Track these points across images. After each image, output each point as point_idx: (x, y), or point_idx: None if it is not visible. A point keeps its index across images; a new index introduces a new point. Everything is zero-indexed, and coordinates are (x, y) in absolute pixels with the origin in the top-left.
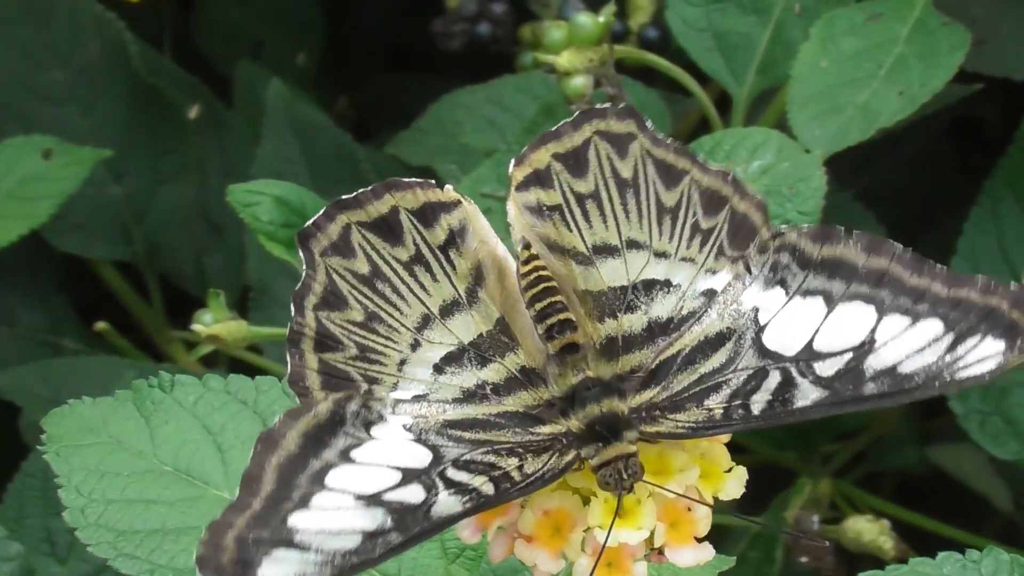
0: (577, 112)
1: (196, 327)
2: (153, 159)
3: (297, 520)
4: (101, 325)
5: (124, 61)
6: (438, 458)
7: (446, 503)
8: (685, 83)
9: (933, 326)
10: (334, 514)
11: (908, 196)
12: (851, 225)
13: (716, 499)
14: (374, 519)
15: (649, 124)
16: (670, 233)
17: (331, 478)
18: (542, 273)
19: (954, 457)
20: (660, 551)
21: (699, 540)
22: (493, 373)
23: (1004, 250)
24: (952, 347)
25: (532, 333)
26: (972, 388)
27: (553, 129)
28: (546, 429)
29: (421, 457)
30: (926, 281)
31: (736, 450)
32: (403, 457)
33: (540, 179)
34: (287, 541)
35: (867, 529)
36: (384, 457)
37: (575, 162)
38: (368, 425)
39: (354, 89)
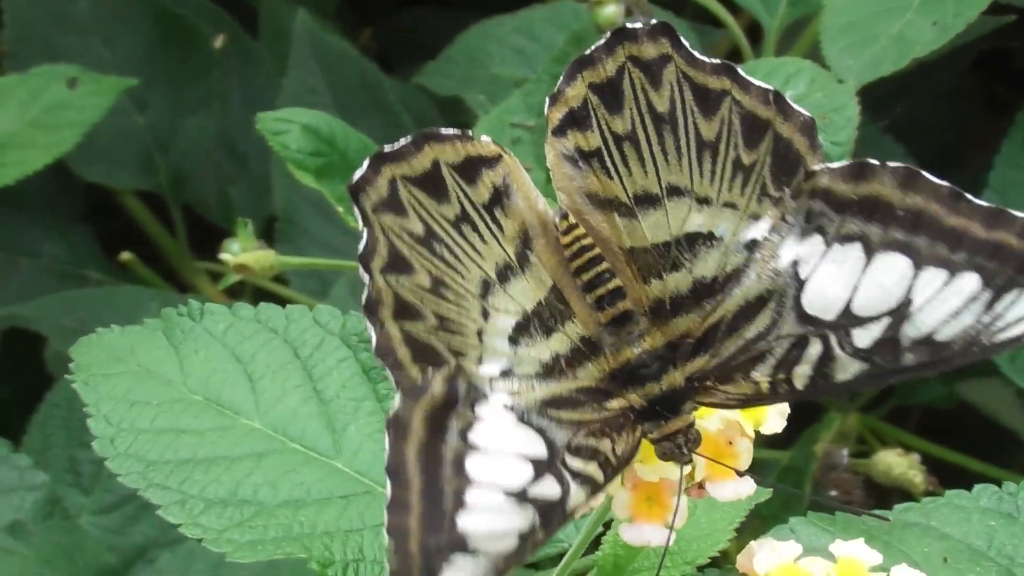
0: (610, 33)
1: (224, 256)
2: (177, 89)
3: (465, 523)
4: (126, 255)
5: None
6: (550, 444)
7: (575, 494)
8: (716, 12)
9: (970, 281)
10: (494, 515)
11: (935, 130)
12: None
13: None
14: (527, 518)
15: (684, 42)
16: (711, 173)
17: (472, 469)
18: (584, 242)
19: (983, 392)
20: (701, 485)
21: (740, 474)
22: (559, 344)
23: None
24: (990, 305)
25: (583, 300)
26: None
27: (587, 53)
28: (615, 404)
29: (536, 443)
30: (964, 221)
31: None
32: (520, 444)
33: (576, 119)
34: (463, 547)
35: (897, 463)
36: (503, 443)
37: (611, 94)
38: (473, 404)
39: (377, 22)
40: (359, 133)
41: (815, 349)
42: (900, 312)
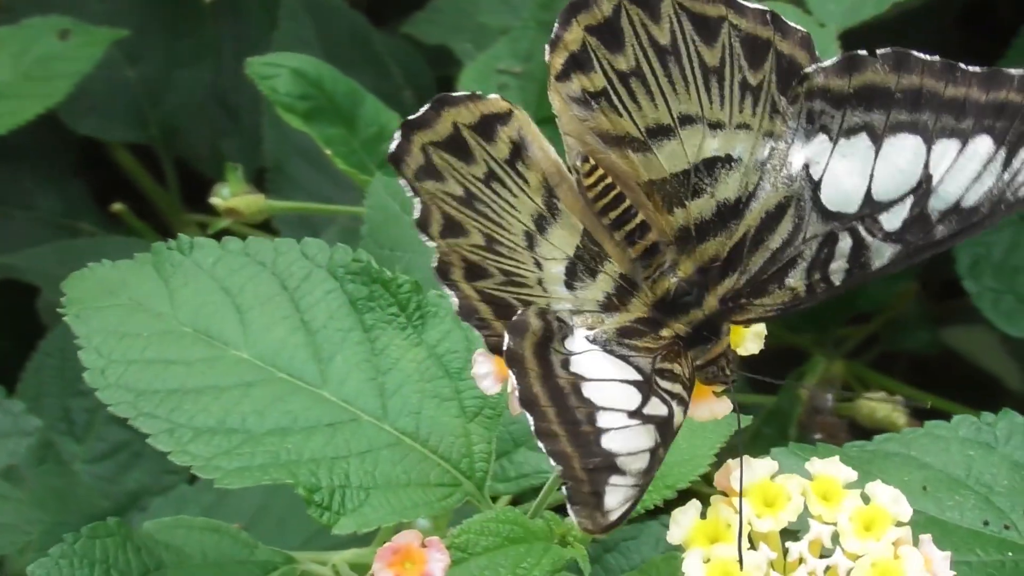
0: None
1: (214, 200)
2: (169, 42)
3: (608, 443)
4: (118, 207)
5: None
6: (639, 369)
7: (677, 412)
8: None
9: (983, 144)
10: (627, 434)
11: None
12: None
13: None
14: (651, 436)
15: None
16: (720, 97)
17: (591, 395)
18: (606, 182)
19: (967, 338)
20: None
21: (717, 395)
22: (605, 283)
23: None
24: (1007, 162)
25: (612, 239)
26: (986, 266)
27: None
28: (666, 332)
29: (628, 370)
30: (963, 90)
31: None
32: (616, 371)
33: (579, 62)
34: (614, 467)
35: (880, 406)
36: (602, 371)
37: (610, 34)
38: (564, 339)
39: None
40: (347, 77)
41: (845, 243)
42: (922, 188)
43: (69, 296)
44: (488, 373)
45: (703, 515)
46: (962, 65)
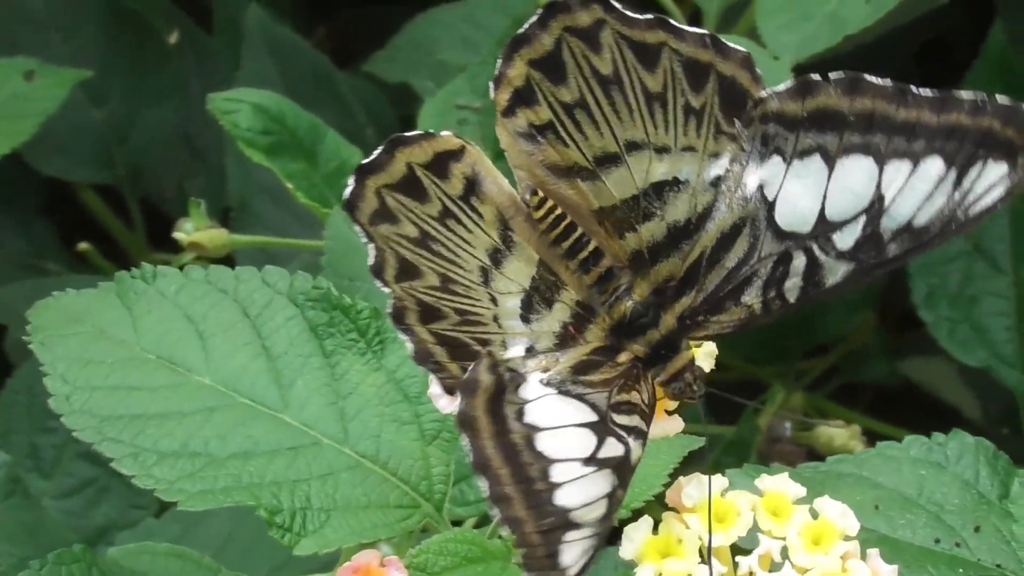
0: (542, 9)
1: (177, 235)
2: (134, 83)
3: (562, 499)
4: (84, 246)
5: None
6: (594, 407)
7: (635, 448)
8: None
9: (934, 165)
10: (581, 485)
11: None
12: None
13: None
14: (607, 481)
15: (615, 3)
16: (664, 122)
17: (544, 448)
18: (557, 212)
19: (925, 369)
20: None
21: (669, 413)
22: (561, 313)
23: None
24: (958, 182)
25: (567, 269)
26: (941, 296)
27: (521, 31)
28: (623, 357)
29: (583, 411)
30: (914, 112)
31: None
32: (571, 414)
33: (523, 97)
34: (570, 523)
35: (838, 434)
36: (556, 418)
37: (553, 67)
38: (517, 388)
39: (331, 20)
40: (308, 112)
41: (800, 261)
42: (874, 208)
43: (34, 324)
44: (443, 393)
45: (655, 531)
46: (914, 89)
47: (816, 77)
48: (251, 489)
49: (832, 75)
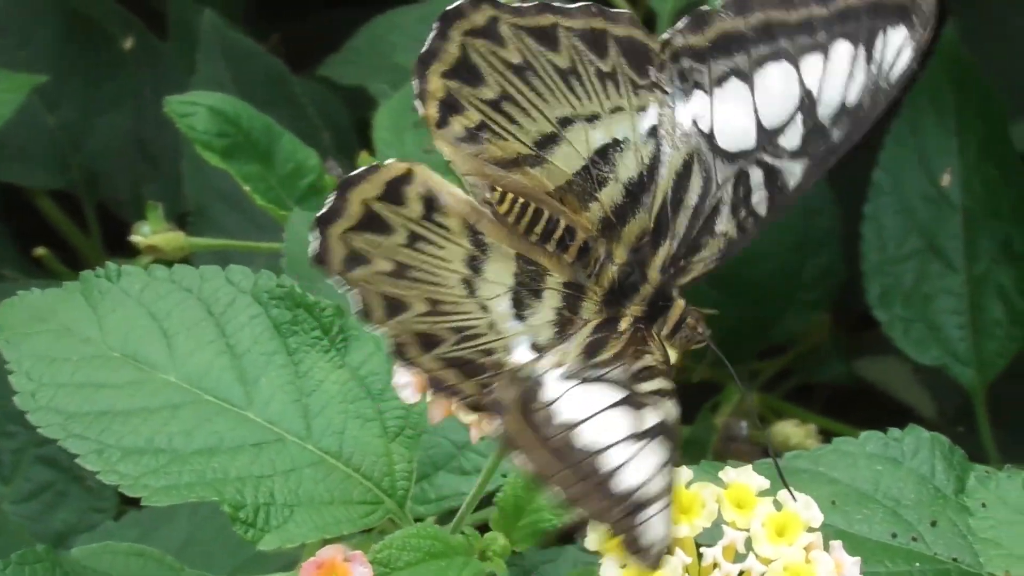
0: (437, 22)
1: (135, 238)
2: (89, 89)
3: (623, 482)
4: (40, 251)
5: None
6: (618, 384)
7: (670, 409)
8: (614, 1)
9: (843, 48)
10: (635, 464)
11: None
12: None
13: None
14: (662, 449)
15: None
16: (586, 93)
17: (586, 440)
18: (520, 202)
19: (880, 369)
20: None
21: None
22: (553, 299)
23: (924, 161)
24: (869, 57)
25: (545, 253)
26: (895, 295)
27: (425, 48)
28: (624, 324)
29: (608, 391)
30: (805, 11)
31: None
32: (599, 399)
33: (450, 106)
34: (633, 504)
35: (794, 433)
36: (586, 408)
37: (467, 71)
38: (537, 393)
39: (285, 26)
40: (264, 115)
41: (757, 175)
42: (805, 104)
43: (0, 322)
44: (408, 383)
45: None
46: None
47: (705, 7)
48: (215, 485)
49: (720, 3)
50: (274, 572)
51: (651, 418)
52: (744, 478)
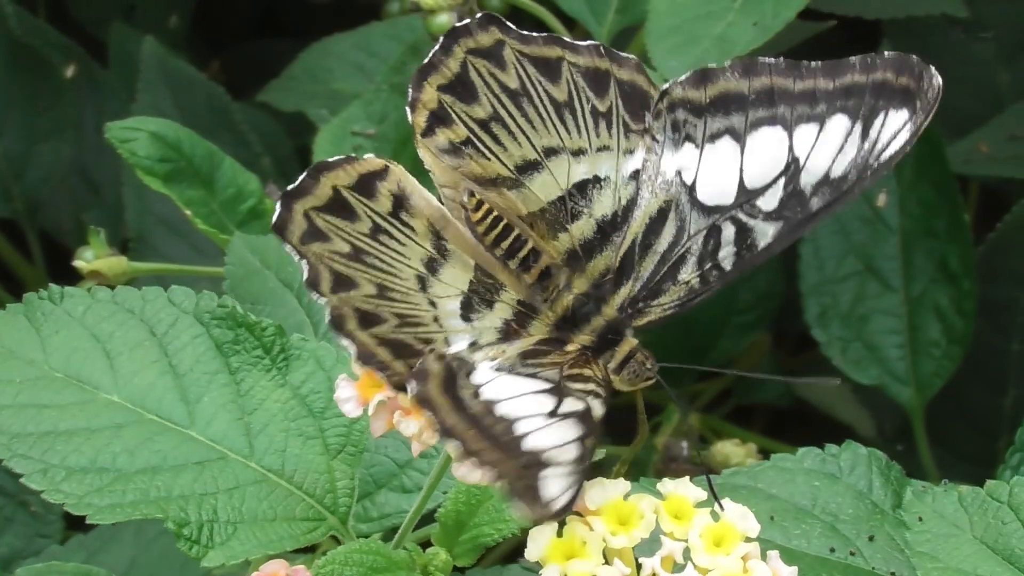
0: (443, 37)
1: (77, 263)
2: (30, 117)
3: (531, 443)
4: None
5: (0, 21)
6: (548, 379)
7: (595, 405)
8: (549, 23)
9: (840, 122)
10: (548, 431)
11: None
12: None
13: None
14: (574, 428)
15: (510, 25)
16: (576, 127)
17: (505, 411)
18: (494, 215)
19: (819, 389)
20: None
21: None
22: (504, 312)
23: None
24: (864, 134)
25: (505, 269)
26: (834, 315)
27: (427, 60)
28: (571, 348)
29: (537, 383)
30: (811, 82)
31: None
32: (527, 385)
33: (440, 118)
34: (544, 462)
35: (734, 452)
36: (513, 389)
37: (463, 88)
38: (468, 374)
39: (225, 54)
40: (205, 140)
41: (729, 231)
42: (791, 169)
43: None
44: (351, 397)
45: (559, 533)
46: (805, 61)
47: (713, 65)
48: (159, 503)
49: (727, 62)
50: None
51: (573, 405)
52: (682, 490)
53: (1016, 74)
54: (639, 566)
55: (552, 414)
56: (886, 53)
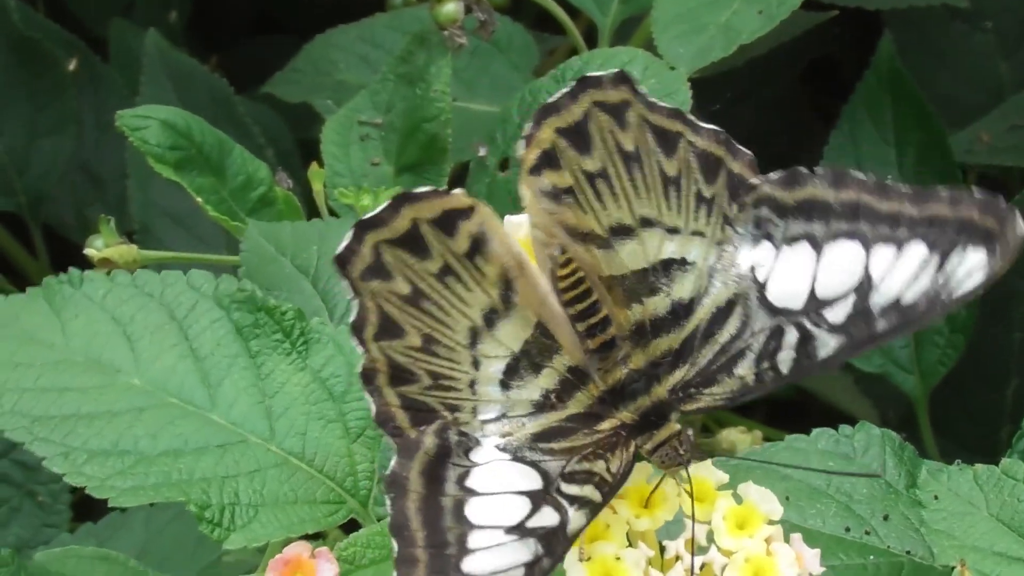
0: (574, 82)
1: (88, 251)
2: (32, 113)
3: (470, 566)
4: None
5: (3, 15)
6: (545, 475)
7: (575, 518)
8: (554, 12)
9: (918, 250)
10: (497, 553)
11: (767, 138)
12: None
13: None
14: (529, 550)
15: (642, 88)
16: (677, 205)
17: (471, 514)
18: (579, 275)
19: (821, 379)
20: None
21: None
22: (548, 379)
23: (863, 171)
24: (940, 267)
25: (568, 331)
26: None
27: (551, 100)
28: (605, 425)
29: (531, 477)
30: (896, 205)
31: None
32: (515, 480)
33: (550, 159)
34: None
35: (740, 439)
36: (498, 483)
37: (579, 138)
38: (467, 452)
39: (223, 51)
40: (215, 129)
41: (792, 335)
42: (863, 287)
43: None
44: None
45: None
46: (891, 183)
47: (804, 169)
48: (181, 486)
49: (818, 169)
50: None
51: (544, 519)
52: (704, 472)
53: (1017, 64)
54: (663, 548)
55: (516, 528)
56: (975, 191)
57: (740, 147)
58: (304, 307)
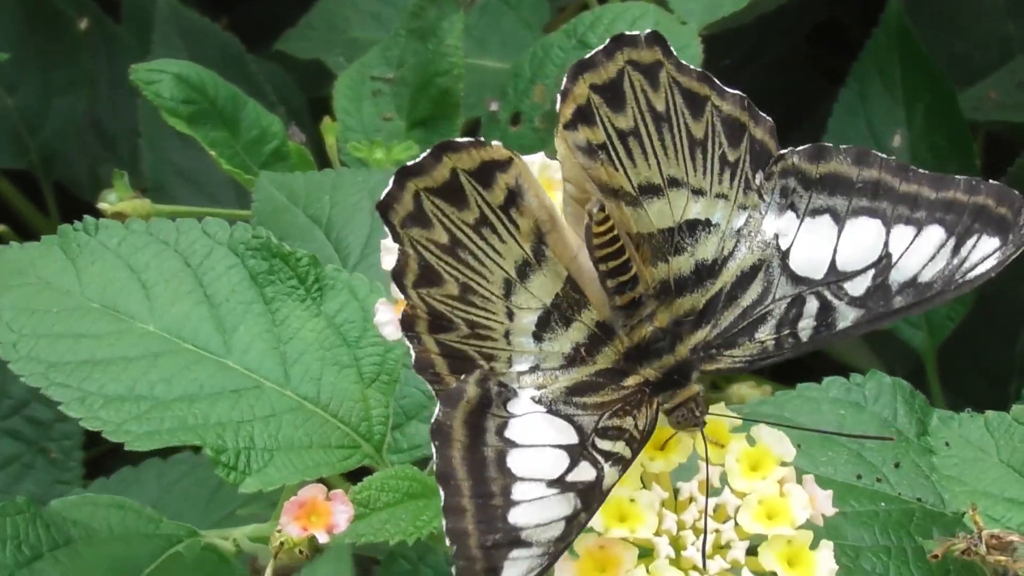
0: (608, 39)
1: (102, 205)
2: (46, 72)
3: (516, 517)
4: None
5: None
6: (580, 429)
7: (609, 474)
8: None
9: (936, 232)
10: (540, 505)
11: (774, 98)
12: None
13: None
14: (569, 504)
15: (672, 50)
16: (703, 167)
17: (513, 465)
18: (614, 233)
19: None
20: None
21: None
22: (578, 333)
23: (872, 129)
24: (956, 250)
25: (596, 287)
26: None
27: (587, 57)
28: (631, 381)
29: (567, 432)
30: (915, 187)
31: None
32: (552, 434)
33: (584, 115)
34: (517, 540)
35: (750, 393)
36: (537, 435)
37: (613, 95)
38: (506, 403)
39: (233, 12)
40: (228, 83)
41: (813, 304)
42: (882, 263)
43: None
44: (390, 320)
45: None
46: (912, 167)
47: (828, 144)
48: (196, 430)
49: (843, 147)
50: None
51: (583, 473)
52: (717, 415)
53: None
54: (676, 490)
55: (555, 482)
56: (991, 181)
57: (761, 113)
58: (317, 256)
